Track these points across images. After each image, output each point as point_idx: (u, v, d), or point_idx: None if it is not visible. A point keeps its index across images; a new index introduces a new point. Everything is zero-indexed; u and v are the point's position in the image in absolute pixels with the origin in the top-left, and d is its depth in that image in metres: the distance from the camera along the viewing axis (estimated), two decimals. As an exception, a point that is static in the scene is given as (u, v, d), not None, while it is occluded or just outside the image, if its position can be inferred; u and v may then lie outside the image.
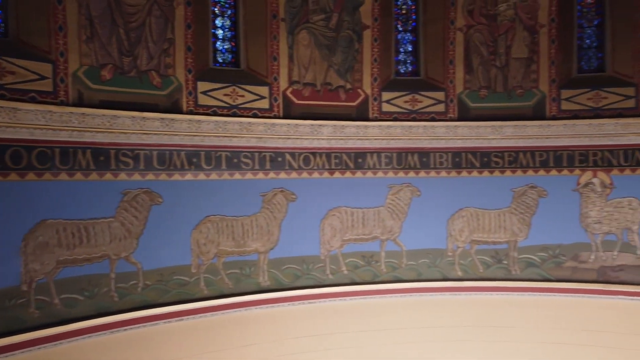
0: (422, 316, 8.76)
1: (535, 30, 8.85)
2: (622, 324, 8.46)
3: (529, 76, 8.90)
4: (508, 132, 8.82)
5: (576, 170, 8.85)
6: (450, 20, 8.90)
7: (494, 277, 9.03)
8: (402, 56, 9.31)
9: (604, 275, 8.75)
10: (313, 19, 8.42)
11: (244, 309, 8.00)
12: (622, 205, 8.68)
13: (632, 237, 8.66)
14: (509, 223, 9.00)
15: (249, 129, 7.98)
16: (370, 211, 8.86)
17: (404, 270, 8.97)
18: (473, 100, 8.96)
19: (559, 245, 8.91)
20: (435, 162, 8.97)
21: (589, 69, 9.14)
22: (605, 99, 8.70)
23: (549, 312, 8.74)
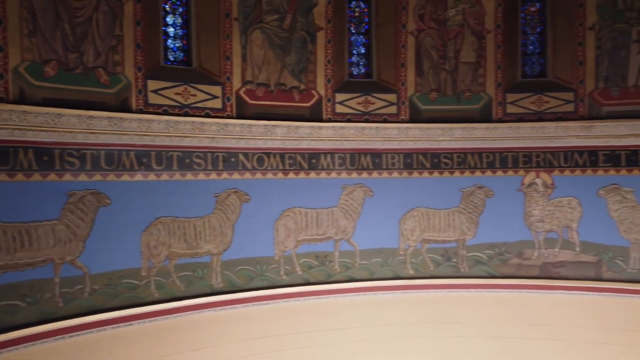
0: (375, 314, 8.89)
1: (483, 36, 9.17)
2: (562, 317, 8.87)
3: (477, 80, 9.20)
4: (457, 134, 9.10)
5: (520, 171, 9.22)
6: (402, 24, 9.09)
7: (444, 275, 9.29)
8: (355, 58, 9.44)
9: (546, 271, 9.17)
10: (267, 19, 8.38)
11: (197, 312, 7.86)
12: (563, 204, 9.12)
13: (571, 234, 9.12)
14: (458, 222, 9.28)
15: (201, 129, 7.85)
16: (324, 211, 8.91)
17: (358, 269, 9.08)
18: (424, 102, 9.19)
19: (504, 243, 9.27)
20: (388, 163, 9.13)
21: (532, 74, 9.55)
22: (547, 103, 9.12)
23: (496, 307, 9.05)
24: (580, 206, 9.04)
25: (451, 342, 8.92)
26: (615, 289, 8.76)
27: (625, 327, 8.60)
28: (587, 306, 8.86)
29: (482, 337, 8.92)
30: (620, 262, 8.84)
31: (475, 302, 9.10)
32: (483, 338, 8.91)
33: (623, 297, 8.72)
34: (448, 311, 9.04)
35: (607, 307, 8.77)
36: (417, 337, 8.90)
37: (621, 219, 8.81)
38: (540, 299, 9.04)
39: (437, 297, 9.14)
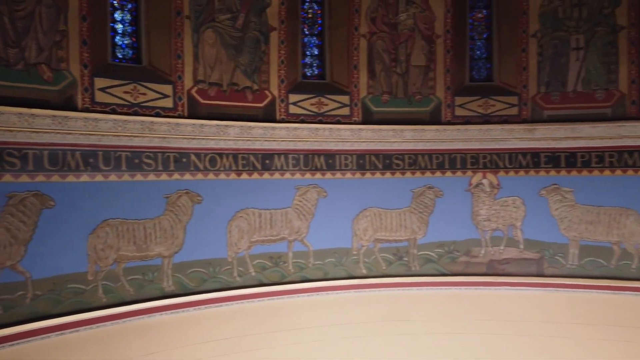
0: (330, 314, 8.94)
1: (432, 40, 9.42)
2: (508, 312, 9.19)
3: (427, 83, 9.44)
4: (408, 136, 9.29)
5: (468, 171, 9.52)
6: (355, 26, 9.21)
7: (396, 274, 9.45)
8: (309, 59, 9.47)
9: (492, 268, 9.50)
10: (219, 18, 8.29)
11: (147, 316, 7.66)
12: (507, 203, 9.48)
13: (516, 232, 9.49)
14: (409, 222, 9.49)
15: (151, 129, 7.66)
16: (277, 212, 8.89)
17: (311, 269, 9.11)
18: (376, 104, 9.34)
19: (453, 241, 9.54)
20: (341, 164, 9.22)
21: (479, 78, 9.87)
22: (493, 106, 9.47)
23: (446, 304, 9.28)
24: (524, 205, 9.43)
25: (404, 340, 9.08)
26: (555, 284, 9.17)
27: (565, 320, 9.01)
28: (531, 301, 9.21)
29: (433, 333, 9.12)
30: (560, 259, 9.28)
31: (426, 299, 9.30)
32: (434, 334, 9.11)
33: (563, 292, 9.14)
34: (400, 309, 9.20)
35: (549, 301, 9.16)
36: (371, 335, 9.01)
37: (561, 217, 9.25)
38: (487, 295, 9.33)
39: (390, 295, 9.29)
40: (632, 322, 8.66)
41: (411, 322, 9.20)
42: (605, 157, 9.05)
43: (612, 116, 9.01)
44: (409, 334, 9.11)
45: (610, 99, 9.05)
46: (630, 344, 8.62)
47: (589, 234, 9.16)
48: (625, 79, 8.96)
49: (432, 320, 9.22)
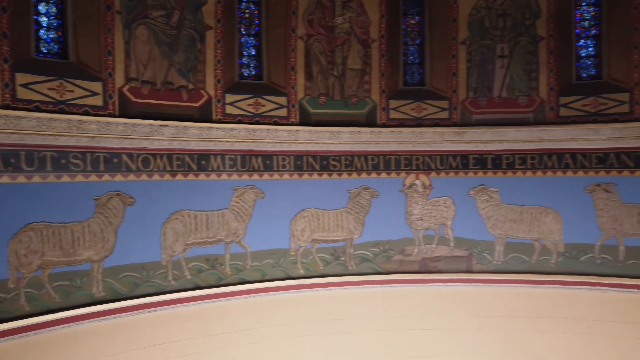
0: (268, 315, 8.91)
1: (368, 45, 9.63)
2: (440, 308, 9.54)
3: (363, 86, 9.64)
4: (345, 138, 9.44)
5: (402, 173, 9.80)
6: (292, 28, 9.24)
7: (333, 273, 9.56)
8: (246, 60, 9.40)
9: (425, 266, 9.85)
10: (152, 14, 8.04)
11: (75, 324, 7.29)
12: (439, 203, 9.85)
13: (446, 231, 9.89)
14: (346, 222, 9.64)
15: (79, 128, 7.31)
16: (214, 214, 8.75)
17: (249, 271, 9.04)
18: (313, 106, 9.42)
19: (388, 240, 9.79)
20: (279, 165, 9.21)
21: (412, 82, 10.17)
22: (425, 110, 9.81)
23: (382, 302, 9.50)
24: (454, 205, 9.84)
25: (342, 338, 9.20)
26: (483, 280, 9.64)
27: (493, 314, 9.46)
28: (460, 296, 9.62)
29: (370, 331, 9.30)
30: (487, 255, 9.77)
31: (362, 298, 9.48)
32: (371, 332, 9.30)
33: (490, 287, 9.62)
34: (338, 308, 9.32)
35: (478, 296, 9.60)
36: (310, 335, 9.07)
37: (488, 216, 9.74)
38: (421, 292, 9.65)
39: (327, 295, 9.39)
40: (551, 314, 9.27)
41: (349, 320, 9.34)
42: (528, 159, 9.62)
43: (533, 121, 9.60)
44: (346, 333, 9.24)
45: (531, 105, 9.64)
46: (549, 334, 9.21)
47: (513, 231, 9.70)
48: (544, 86, 9.58)
49: (369, 318, 9.40)
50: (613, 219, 9.24)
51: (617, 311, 8.99)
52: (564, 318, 9.25)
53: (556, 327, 9.22)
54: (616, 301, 9.04)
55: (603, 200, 9.27)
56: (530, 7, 9.56)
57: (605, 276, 9.20)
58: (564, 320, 9.24)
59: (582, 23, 9.81)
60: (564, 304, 9.29)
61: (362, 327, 9.33)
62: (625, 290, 9.06)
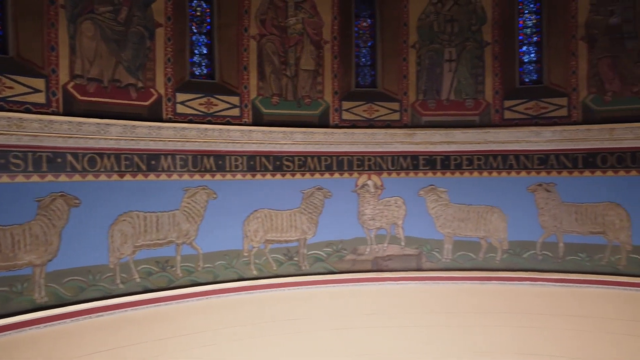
0: (220, 318, 8.80)
1: (321, 46, 9.69)
2: (392, 306, 9.71)
3: (316, 87, 9.69)
4: (298, 138, 9.46)
5: (355, 173, 9.92)
6: (244, 27, 9.17)
7: (287, 274, 9.54)
8: (197, 58, 9.26)
9: (377, 265, 10.01)
10: (99, 9, 7.78)
11: (15, 332, 6.96)
12: (390, 203, 10.04)
13: (398, 231, 10.08)
14: (299, 222, 9.66)
15: (20, 126, 6.99)
16: (164, 215, 8.56)
17: (201, 273, 8.90)
18: (266, 106, 9.38)
19: (341, 240, 9.88)
20: (231, 165, 9.12)
21: (364, 84, 10.33)
22: (377, 112, 9.97)
23: (335, 301, 9.57)
24: (404, 205, 10.05)
25: (296, 338, 9.21)
26: (432, 277, 9.89)
27: (442, 310, 9.74)
28: (411, 294, 9.82)
29: (324, 330, 9.36)
30: (437, 253, 10.05)
31: (316, 297, 9.51)
32: (324, 331, 9.36)
33: (439, 284, 9.88)
34: (291, 309, 9.32)
35: (427, 293, 9.84)
36: (263, 336, 9.03)
37: (437, 215, 10.01)
38: (373, 290, 9.80)
39: (281, 295, 9.37)
40: (497, 309, 9.63)
41: (302, 320, 9.36)
42: (474, 160, 9.97)
43: (479, 123, 9.95)
44: (300, 332, 9.26)
45: (478, 108, 9.99)
46: (495, 328, 9.57)
47: (460, 230, 10.02)
48: (490, 90, 9.96)
49: (323, 317, 9.46)
50: (553, 217, 9.71)
51: (557, 305, 9.46)
52: (508, 313, 9.63)
53: (502, 322, 9.59)
54: (556, 295, 9.50)
55: (544, 200, 9.73)
56: (477, 14, 9.91)
57: (546, 272, 9.66)
58: (508, 314, 9.62)
59: (524, 30, 10.27)
60: (508, 299, 9.67)
61: (316, 326, 9.38)
62: (564, 284, 9.53)
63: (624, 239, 9.32)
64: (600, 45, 9.42)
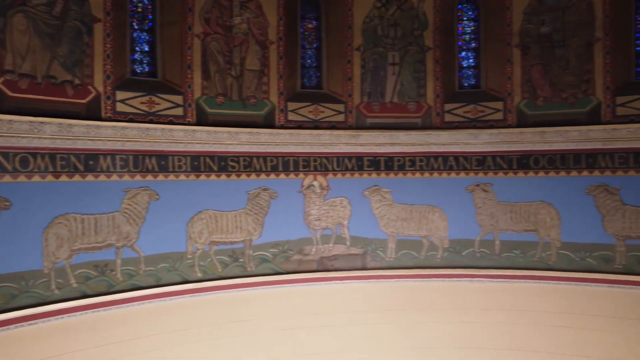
0: (163, 322, 8.59)
1: (266, 46, 9.66)
2: (338, 305, 9.81)
3: (261, 87, 9.64)
4: (243, 139, 9.39)
5: (300, 174, 9.96)
6: (188, 25, 9.00)
7: (232, 275, 9.44)
8: (139, 56, 9.00)
9: (323, 265, 10.10)
10: (32, 2, 7.37)
11: (-62, 343, 6.54)
12: (336, 204, 10.14)
13: (343, 231, 10.21)
14: (245, 223, 9.59)
15: (-57, 124, 6.58)
16: (103, 217, 8.25)
17: (142, 276, 8.64)
18: (210, 106, 9.25)
19: (287, 241, 9.88)
20: (174, 166, 8.92)
21: (310, 85, 10.38)
22: (322, 113, 10.04)
23: (281, 302, 9.56)
24: (350, 205, 10.19)
25: (243, 340, 9.13)
26: (377, 276, 10.10)
27: (387, 308, 9.94)
28: (356, 293, 9.97)
29: (271, 330, 9.34)
30: (381, 253, 10.26)
31: (262, 298, 9.47)
32: (272, 332, 9.34)
33: (383, 282, 10.10)
34: (237, 310, 9.23)
35: (372, 292, 10.03)
36: (209, 339, 8.88)
37: (381, 215, 10.23)
38: (319, 290, 9.86)
39: (226, 297, 9.26)
40: (437, 305, 9.95)
41: (249, 321, 9.29)
42: (417, 161, 10.26)
43: (422, 125, 10.25)
44: (247, 334, 9.19)
45: (420, 110, 10.29)
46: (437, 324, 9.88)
47: (403, 229, 10.28)
48: (431, 93, 10.29)
49: (269, 318, 9.43)
50: (490, 216, 10.15)
51: (493, 299, 9.88)
52: (449, 308, 9.97)
53: (443, 317, 9.91)
54: (493, 290, 9.94)
55: (482, 199, 10.15)
56: (419, 19, 10.21)
57: (484, 268, 10.08)
58: (449, 310, 9.96)
59: (463, 36, 10.68)
60: (449, 295, 10.02)
61: (262, 327, 9.33)
62: (500, 280, 9.98)
63: (554, 236, 9.88)
64: (532, 52, 9.96)
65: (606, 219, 9.52)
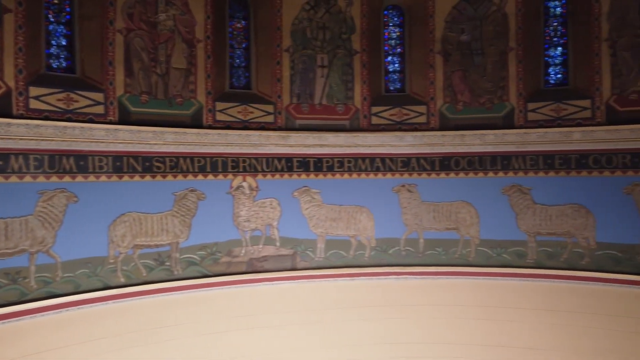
0: (83, 330, 8.18)
1: (193, 44, 9.45)
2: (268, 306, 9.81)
3: (188, 86, 9.42)
4: (169, 139, 9.12)
5: (229, 175, 9.84)
6: (109, 20, 8.63)
7: (158, 279, 9.14)
8: (55, 50, 8.50)
9: (252, 266, 10.03)
10: None
11: None
12: (265, 205, 10.12)
13: (272, 231, 10.20)
14: (171, 225, 9.32)
15: None
16: (15, 221, 7.72)
17: (59, 283, 8.17)
18: (134, 104, 8.91)
19: (215, 243, 9.72)
20: (95, 166, 8.51)
21: (239, 85, 10.27)
22: (251, 113, 9.98)
23: (209, 305, 9.40)
24: (279, 206, 10.20)
25: (170, 345, 8.91)
26: (307, 276, 10.18)
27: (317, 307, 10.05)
28: (287, 293, 10.01)
29: (200, 335, 9.18)
30: (310, 253, 10.35)
31: (190, 302, 9.28)
32: (201, 336, 9.17)
33: (313, 282, 10.20)
34: (164, 315, 8.98)
35: (302, 292, 10.10)
36: (133, 346, 8.57)
37: (310, 216, 10.33)
38: (249, 292, 9.80)
39: (152, 302, 8.97)
40: (365, 303, 10.20)
41: (176, 326, 9.07)
42: (345, 162, 10.46)
43: (349, 127, 10.48)
44: (174, 339, 8.97)
45: (348, 113, 10.50)
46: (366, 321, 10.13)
47: (332, 229, 10.44)
48: (359, 96, 10.54)
49: (198, 322, 9.25)
50: (415, 216, 10.55)
51: (418, 296, 10.28)
52: (376, 306, 10.26)
53: (370, 315, 10.18)
54: (417, 287, 10.34)
55: (407, 199, 10.53)
56: (347, 23, 10.43)
57: (409, 266, 10.46)
58: (376, 307, 10.25)
59: (389, 41, 11.02)
60: (376, 293, 10.30)
61: (190, 332, 9.14)
62: (424, 277, 10.41)
63: (473, 233, 10.43)
64: (453, 59, 10.47)
65: (519, 217, 10.19)
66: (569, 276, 9.80)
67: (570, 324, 9.66)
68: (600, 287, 9.54)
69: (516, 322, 9.97)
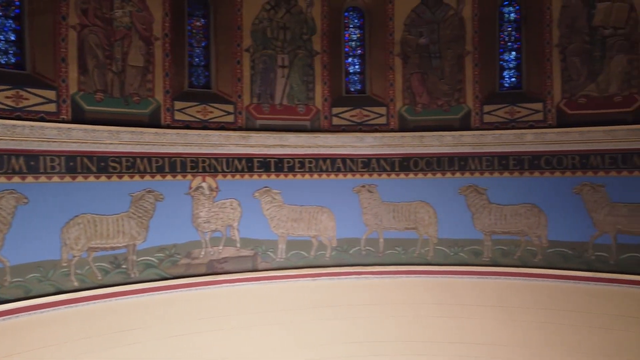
0: (33, 337, 7.89)
1: (151, 42, 9.24)
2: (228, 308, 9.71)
3: (145, 85, 9.20)
4: (125, 138, 8.89)
5: (188, 175, 9.67)
6: (62, 15, 8.33)
7: (114, 283, 8.90)
8: (3, 45, 8.15)
9: (212, 268, 9.89)
10: None
11: None
12: (225, 205, 10.01)
13: (233, 232, 10.10)
14: (128, 227, 9.09)
15: None
16: (-41, 224, 7.39)
17: (8, 288, 7.84)
18: (88, 103, 8.63)
19: (174, 244, 9.54)
20: (46, 166, 8.21)
21: (198, 84, 10.12)
22: (211, 113, 9.86)
23: (168, 308, 9.25)
24: (240, 207, 10.11)
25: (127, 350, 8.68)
26: (268, 277, 10.13)
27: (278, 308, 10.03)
28: (247, 294, 9.94)
29: (158, 338, 9.00)
30: (271, 253, 10.31)
31: (148, 305, 9.08)
32: (159, 339, 9.00)
33: (274, 283, 10.16)
34: (120, 319, 8.75)
35: (263, 293, 10.05)
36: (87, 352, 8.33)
37: (271, 216, 10.28)
38: (209, 294, 9.67)
39: (107, 306, 8.72)
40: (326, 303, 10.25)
41: (133, 331, 8.85)
42: (306, 163, 10.47)
43: (310, 128, 10.49)
44: (131, 344, 8.76)
45: (309, 113, 10.52)
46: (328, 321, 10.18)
47: (294, 230, 10.43)
48: (320, 97, 10.56)
49: (156, 325, 9.07)
50: (375, 216, 10.67)
51: (379, 295, 10.41)
52: (337, 305, 10.33)
53: (331, 314, 10.24)
54: (378, 286, 10.47)
55: (367, 200, 10.64)
56: (307, 24, 10.44)
57: (369, 265, 10.58)
58: (337, 307, 10.32)
59: (350, 43, 11.11)
60: (337, 293, 10.36)
61: (148, 336, 8.95)
62: (384, 276, 10.55)
63: (431, 233, 10.64)
64: (412, 62, 10.65)
65: (475, 217, 10.47)
66: (522, 273, 10.15)
67: (522, 319, 10.01)
68: (551, 283, 9.92)
69: (473, 319, 10.24)
